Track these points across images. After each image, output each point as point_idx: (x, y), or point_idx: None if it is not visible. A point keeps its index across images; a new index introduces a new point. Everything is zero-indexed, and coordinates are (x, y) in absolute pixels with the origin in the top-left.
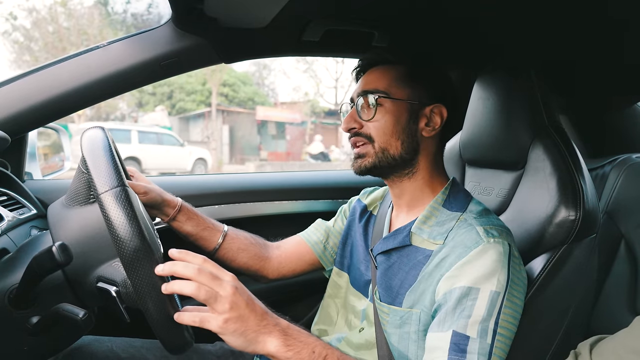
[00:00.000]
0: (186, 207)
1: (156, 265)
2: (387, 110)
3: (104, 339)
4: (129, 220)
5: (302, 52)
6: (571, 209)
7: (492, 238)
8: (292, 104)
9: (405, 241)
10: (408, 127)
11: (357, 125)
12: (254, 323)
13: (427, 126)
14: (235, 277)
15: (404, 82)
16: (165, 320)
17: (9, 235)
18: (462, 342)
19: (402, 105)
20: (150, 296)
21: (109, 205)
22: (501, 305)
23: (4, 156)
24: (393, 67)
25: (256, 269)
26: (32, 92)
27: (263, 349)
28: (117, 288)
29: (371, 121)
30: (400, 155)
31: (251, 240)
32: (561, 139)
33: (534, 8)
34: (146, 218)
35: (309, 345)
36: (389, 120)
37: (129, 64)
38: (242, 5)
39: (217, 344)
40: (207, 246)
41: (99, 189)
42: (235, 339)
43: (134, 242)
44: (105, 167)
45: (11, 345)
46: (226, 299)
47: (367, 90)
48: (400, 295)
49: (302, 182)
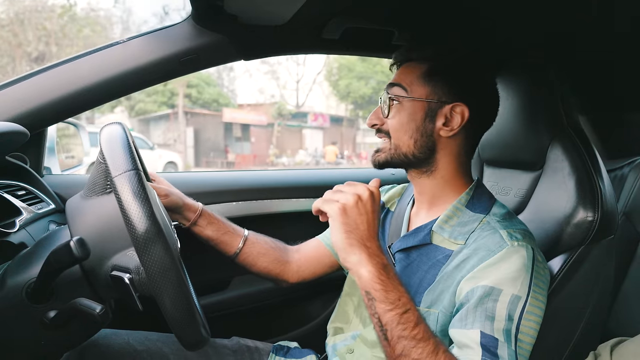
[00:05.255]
0: (207, 211)
1: (169, 251)
2: (403, 108)
3: (121, 332)
4: (140, 201)
5: (321, 49)
6: (589, 210)
7: (517, 241)
8: (257, 106)
9: (426, 239)
10: (423, 126)
11: (379, 122)
12: (362, 234)
13: (445, 126)
14: (371, 191)
15: (425, 80)
16: (181, 316)
17: (28, 230)
18: (492, 345)
19: (419, 104)
20: (163, 281)
21: (122, 186)
22: (522, 310)
23: (23, 151)
24: (419, 65)
25: (277, 273)
26: (52, 87)
27: (354, 266)
28: (130, 275)
29: (388, 118)
30: (413, 153)
31: (271, 244)
32: (580, 139)
33: (553, 3)
34: (164, 213)
35: (398, 291)
36: (403, 118)
37: (148, 60)
38: (261, 3)
39: (233, 339)
40: (228, 251)
41: (113, 173)
42: (339, 234)
43: (145, 223)
44: (120, 153)
45: (28, 339)
46: (347, 196)
47: (392, 83)
48: (419, 294)
49: (319, 180)
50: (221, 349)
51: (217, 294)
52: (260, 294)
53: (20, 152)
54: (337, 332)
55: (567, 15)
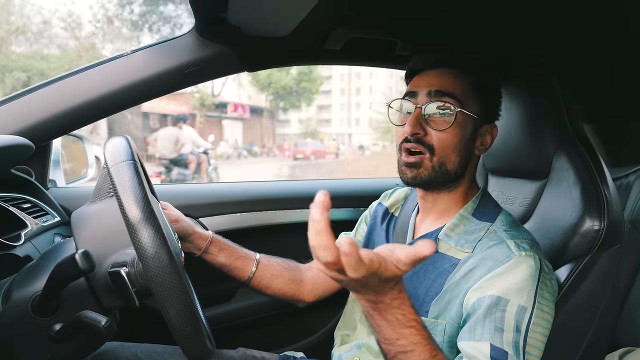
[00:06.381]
0: (217, 238)
1: (163, 235)
2: (458, 123)
3: (129, 345)
4: (132, 185)
5: (324, 60)
6: (595, 219)
7: (524, 252)
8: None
9: None
10: (468, 143)
11: (422, 132)
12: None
13: (481, 145)
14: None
15: (474, 94)
16: (184, 326)
17: (33, 243)
18: (502, 358)
19: (470, 119)
20: (159, 272)
21: (117, 174)
22: (529, 322)
23: (28, 164)
24: (463, 75)
25: (292, 293)
26: (56, 100)
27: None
28: (127, 268)
29: (441, 131)
30: (455, 170)
31: (284, 265)
32: (585, 148)
33: (554, 12)
34: (167, 221)
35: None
36: (457, 135)
37: (152, 72)
38: (264, 15)
39: (239, 350)
40: (242, 276)
41: (109, 164)
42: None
43: (136, 207)
44: (120, 150)
45: (34, 353)
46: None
47: (444, 92)
48: (426, 304)
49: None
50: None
51: (222, 305)
52: (265, 304)
53: (25, 165)
54: (343, 341)
55: (567, 23)
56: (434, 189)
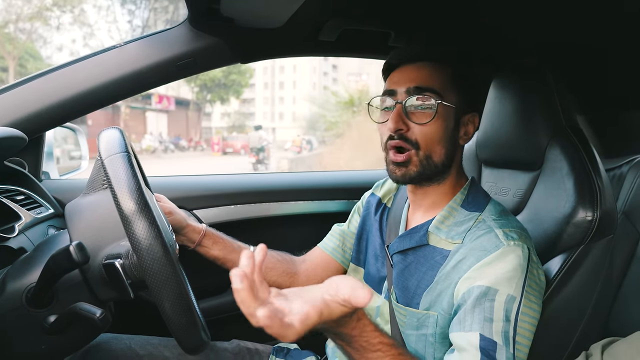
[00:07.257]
0: (211, 231)
1: (157, 227)
2: (438, 115)
3: (123, 337)
4: (126, 177)
5: (318, 52)
6: (588, 210)
7: (512, 241)
8: None
9: (422, 240)
10: (452, 134)
11: (405, 128)
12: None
13: (464, 135)
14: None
15: (453, 85)
16: (179, 317)
17: (27, 234)
18: (491, 348)
19: (451, 110)
20: (151, 261)
21: (110, 166)
22: (518, 311)
23: (22, 156)
24: (440, 67)
25: (286, 285)
26: (49, 92)
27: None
28: (121, 260)
29: (424, 125)
30: (442, 162)
31: (278, 257)
32: (578, 139)
33: (547, 6)
34: (159, 211)
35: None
36: (440, 127)
37: (145, 64)
38: (258, 6)
39: (233, 342)
40: None
41: (103, 156)
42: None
43: (130, 199)
44: (114, 142)
45: (29, 344)
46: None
47: (422, 87)
48: (417, 296)
49: (316, 183)
50: (222, 352)
51: (217, 297)
52: None
53: (18, 157)
54: None
55: (561, 13)
56: (423, 184)
